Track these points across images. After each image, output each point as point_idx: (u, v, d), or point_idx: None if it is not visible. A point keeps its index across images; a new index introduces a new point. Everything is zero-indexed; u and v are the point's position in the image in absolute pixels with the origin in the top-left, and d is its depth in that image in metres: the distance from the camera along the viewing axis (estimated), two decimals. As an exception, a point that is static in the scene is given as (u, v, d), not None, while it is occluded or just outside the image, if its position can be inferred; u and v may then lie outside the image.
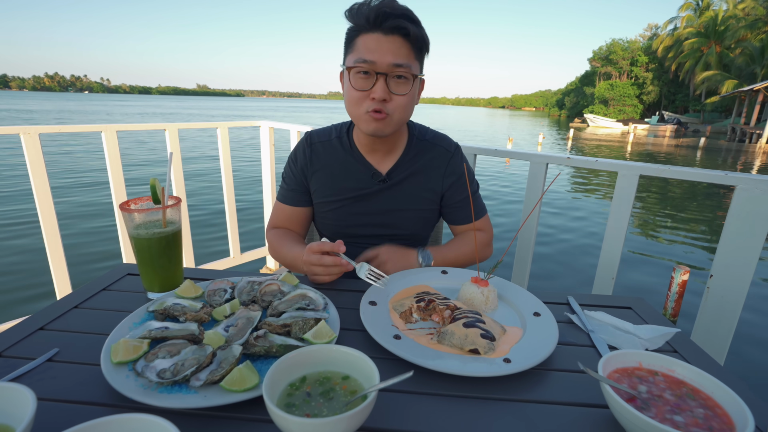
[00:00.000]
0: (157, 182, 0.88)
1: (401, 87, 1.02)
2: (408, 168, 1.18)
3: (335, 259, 0.93)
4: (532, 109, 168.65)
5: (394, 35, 0.98)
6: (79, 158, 10.56)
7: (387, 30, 0.97)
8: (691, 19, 43.78)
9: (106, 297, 0.90)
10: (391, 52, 0.98)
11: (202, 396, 0.58)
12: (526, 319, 0.83)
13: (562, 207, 7.37)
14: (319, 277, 0.96)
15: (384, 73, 0.99)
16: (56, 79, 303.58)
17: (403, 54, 0.99)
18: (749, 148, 22.50)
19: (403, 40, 0.98)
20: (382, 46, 0.97)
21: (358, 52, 0.99)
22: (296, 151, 1.22)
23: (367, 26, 0.98)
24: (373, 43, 0.98)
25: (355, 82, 1.01)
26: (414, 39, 0.99)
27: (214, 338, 0.69)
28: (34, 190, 1.97)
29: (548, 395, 0.64)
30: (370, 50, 0.98)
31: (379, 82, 0.99)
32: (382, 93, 0.99)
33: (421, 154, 1.20)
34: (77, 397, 0.60)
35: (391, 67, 0.98)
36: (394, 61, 0.98)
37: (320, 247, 0.93)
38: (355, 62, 0.99)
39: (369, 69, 0.99)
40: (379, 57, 0.98)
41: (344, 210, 1.19)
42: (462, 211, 1.24)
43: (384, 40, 0.98)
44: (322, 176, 1.18)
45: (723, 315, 1.44)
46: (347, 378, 0.58)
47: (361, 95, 1.02)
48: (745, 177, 1.37)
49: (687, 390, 0.59)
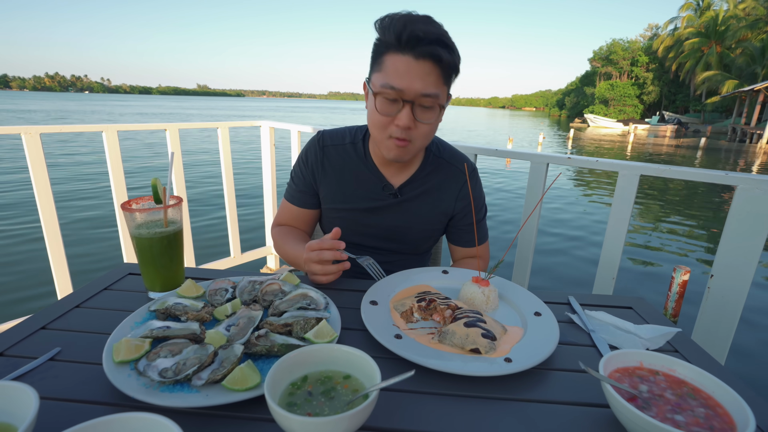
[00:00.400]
0: (159, 182, 0.88)
1: (427, 115, 0.97)
2: (421, 185, 1.15)
3: (334, 253, 0.91)
4: (533, 109, 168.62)
5: (425, 60, 0.91)
6: (81, 158, 10.56)
7: (418, 54, 0.90)
8: (692, 19, 43.78)
9: (107, 296, 0.90)
10: (421, 80, 0.92)
11: (204, 395, 0.58)
12: (527, 318, 0.83)
13: (562, 206, 7.37)
14: (317, 277, 0.95)
15: (411, 101, 0.94)
16: (57, 79, 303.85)
17: (432, 82, 0.93)
18: (750, 148, 22.49)
19: (433, 66, 0.92)
20: (412, 72, 0.91)
21: (386, 75, 0.93)
22: (307, 152, 1.18)
23: (397, 46, 0.91)
24: (403, 66, 0.91)
25: (381, 107, 0.96)
26: (446, 66, 0.93)
27: (216, 338, 0.69)
28: (35, 190, 1.97)
29: (549, 395, 0.65)
30: (398, 75, 0.92)
31: (405, 109, 0.94)
32: (407, 122, 0.95)
33: (435, 171, 1.16)
34: (79, 396, 0.60)
35: (419, 97, 0.93)
36: (423, 90, 0.92)
37: (319, 245, 0.91)
38: (382, 86, 0.94)
39: (396, 96, 0.94)
40: (408, 84, 0.92)
41: (352, 220, 1.16)
42: (468, 235, 1.23)
43: (414, 65, 0.91)
44: (333, 182, 1.15)
45: (724, 315, 1.44)
46: (348, 377, 0.58)
47: (385, 120, 0.97)
48: (746, 177, 1.37)
49: (688, 389, 0.59)
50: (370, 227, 1.17)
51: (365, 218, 1.16)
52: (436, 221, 1.19)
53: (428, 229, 1.19)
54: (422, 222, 1.17)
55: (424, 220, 1.17)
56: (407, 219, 1.16)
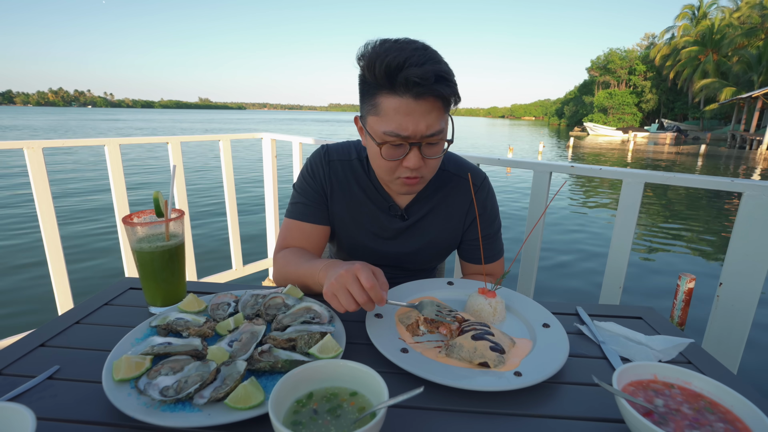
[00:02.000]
0: (160, 195, 0.87)
1: (435, 150, 0.93)
2: (428, 202, 1.10)
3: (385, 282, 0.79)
4: (532, 119, 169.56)
5: (426, 98, 0.85)
6: (83, 172, 10.61)
7: (417, 94, 0.84)
8: (688, 28, 44.24)
9: (108, 312, 0.89)
10: (424, 120, 0.86)
11: (206, 414, 0.56)
12: (535, 330, 0.81)
13: (565, 215, 7.35)
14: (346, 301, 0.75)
15: (417, 143, 0.89)
16: (60, 94, 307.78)
17: (435, 118, 0.87)
18: (750, 154, 22.52)
19: (435, 101, 0.86)
20: (414, 114, 0.85)
21: (386, 121, 0.87)
22: (312, 166, 1.10)
23: (391, 88, 0.85)
24: (403, 109, 0.85)
25: (387, 153, 0.91)
26: (447, 99, 0.88)
27: (218, 354, 0.68)
28: (37, 204, 1.97)
29: (561, 409, 0.63)
30: (399, 120, 0.86)
31: (413, 151, 0.89)
32: (417, 163, 0.90)
33: (441, 187, 1.11)
34: (78, 416, 0.58)
35: (425, 138, 0.88)
36: (429, 131, 0.87)
37: (371, 273, 0.76)
38: (385, 134, 0.88)
39: (401, 142, 0.89)
40: (413, 128, 0.86)
41: (360, 243, 1.12)
42: (478, 251, 1.15)
43: (414, 106, 0.85)
44: (341, 198, 1.09)
45: (734, 323, 1.42)
46: (355, 394, 0.56)
47: (393, 164, 0.93)
48: (753, 183, 1.36)
49: (705, 403, 0.57)
50: (378, 251, 1.12)
51: (373, 242, 1.11)
52: (448, 240, 1.14)
53: (439, 250, 1.16)
54: (433, 246, 1.13)
55: (434, 242, 1.13)
56: (417, 244, 1.11)
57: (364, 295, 0.74)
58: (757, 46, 34.80)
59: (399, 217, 1.10)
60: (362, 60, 0.87)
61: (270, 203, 3.14)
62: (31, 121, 49.24)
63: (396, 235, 1.11)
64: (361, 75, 0.90)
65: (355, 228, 1.11)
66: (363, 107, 0.94)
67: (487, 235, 1.15)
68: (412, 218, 1.10)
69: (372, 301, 0.75)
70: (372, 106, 0.90)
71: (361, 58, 0.88)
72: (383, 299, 0.75)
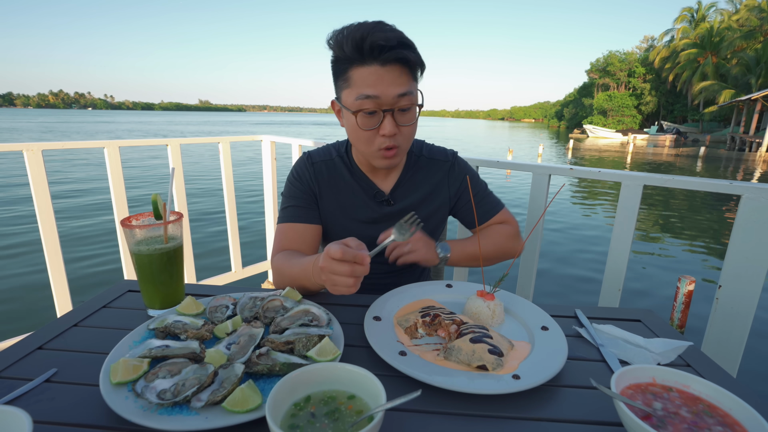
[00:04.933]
0: (159, 198, 0.87)
1: (407, 117, 0.99)
2: (410, 186, 1.17)
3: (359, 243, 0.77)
4: (532, 121, 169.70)
5: (392, 64, 0.92)
6: (82, 174, 10.61)
7: (384, 61, 0.91)
8: (687, 31, 44.34)
9: (106, 314, 0.89)
10: (393, 84, 0.93)
11: (204, 417, 0.56)
12: (533, 333, 0.81)
13: (564, 217, 7.35)
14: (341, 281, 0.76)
15: (390, 108, 0.95)
16: (60, 96, 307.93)
17: (404, 82, 0.94)
18: (749, 156, 22.54)
19: (402, 68, 0.93)
20: (383, 79, 0.92)
21: (357, 88, 0.94)
22: (298, 171, 1.16)
23: (360, 58, 0.92)
24: (372, 77, 0.92)
25: (362, 122, 0.97)
26: (413, 64, 0.95)
27: (216, 356, 0.68)
28: (36, 206, 1.97)
29: (559, 413, 0.63)
30: (371, 86, 0.92)
31: (387, 118, 0.96)
32: (392, 129, 0.96)
33: (421, 170, 1.19)
34: (75, 420, 0.58)
35: (396, 99, 0.94)
36: (398, 92, 0.94)
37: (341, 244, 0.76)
38: (358, 99, 0.94)
39: (375, 108, 0.94)
40: (383, 91, 0.93)
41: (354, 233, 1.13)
42: (480, 208, 1.22)
43: (383, 72, 0.92)
44: (329, 195, 1.14)
45: (733, 326, 1.42)
46: (353, 397, 0.56)
47: (370, 134, 0.98)
48: (751, 186, 1.36)
49: (703, 407, 0.57)
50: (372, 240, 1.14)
51: (366, 230, 1.14)
52: (436, 218, 1.20)
53: (429, 229, 1.19)
54: (425, 224, 1.16)
55: (426, 220, 1.16)
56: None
57: (344, 265, 0.74)
58: (755, 48, 34.88)
59: (386, 203, 1.15)
60: (332, 40, 0.95)
61: (269, 205, 3.14)
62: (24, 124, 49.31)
63: (388, 220, 1.14)
64: (332, 57, 0.98)
65: (346, 219, 1.15)
66: (337, 87, 1.01)
67: (478, 193, 1.23)
68: (400, 203, 1.15)
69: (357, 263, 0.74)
70: (344, 81, 0.97)
71: (331, 39, 0.95)
72: (360, 256, 0.74)
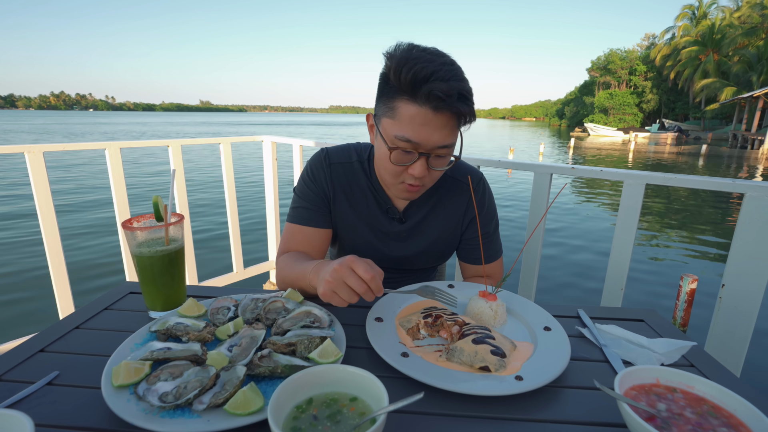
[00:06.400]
0: (160, 199, 0.87)
1: (440, 162, 0.94)
2: (425, 205, 1.11)
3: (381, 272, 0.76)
4: (533, 120, 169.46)
5: (443, 112, 0.86)
6: (83, 176, 10.64)
7: (437, 108, 0.85)
8: (688, 28, 44.22)
9: (108, 317, 0.89)
10: (438, 133, 0.88)
11: (205, 420, 0.56)
12: (536, 333, 0.81)
13: (567, 216, 7.34)
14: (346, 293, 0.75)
15: (427, 153, 0.90)
16: (62, 97, 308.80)
17: (449, 133, 0.89)
18: (752, 154, 22.47)
19: (451, 117, 0.87)
20: (429, 126, 0.86)
21: (401, 126, 0.88)
22: (312, 169, 1.10)
23: (411, 95, 0.85)
24: (420, 119, 0.86)
25: (395, 158, 0.92)
26: (464, 116, 0.89)
27: (218, 359, 0.67)
28: (38, 208, 1.97)
29: (562, 414, 0.62)
30: (414, 129, 0.87)
31: (421, 161, 0.91)
32: (422, 172, 0.92)
33: (437, 189, 1.11)
34: (77, 423, 0.58)
35: (436, 149, 0.90)
36: (440, 143, 0.89)
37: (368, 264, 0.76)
38: (397, 138, 0.89)
39: (412, 149, 0.90)
40: (426, 138, 0.87)
41: (362, 245, 1.12)
42: (477, 251, 1.16)
43: (432, 118, 0.86)
44: (343, 200, 1.10)
45: (737, 326, 1.41)
46: (355, 399, 0.56)
47: (399, 169, 0.94)
48: (755, 184, 1.35)
49: (708, 407, 0.57)
50: (378, 255, 1.12)
51: (374, 242, 1.11)
52: (447, 241, 1.15)
53: (440, 252, 1.16)
54: (433, 247, 1.13)
55: (434, 244, 1.13)
56: (418, 247, 1.12)
57: (363, 284, 0.74)
58: (757, 45, 34.75)
59: (397, 220, 1.11)
60: (390, 60, 0.87)
61: (271, 205, 3.14)
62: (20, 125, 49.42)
63: (396, 238, 1.11)
64: (383, 74, 0.90)
65: (356, 230, 1.11)
66: (379, 107, 0.94)
67: (485, 233, 1.15)
68: (410, 221, 1.11)
69: (371, 290, 0.74)
70: (389, 108, 0.90)
71: (390, 59, 0.87)
72: (382, 288, 0.75)
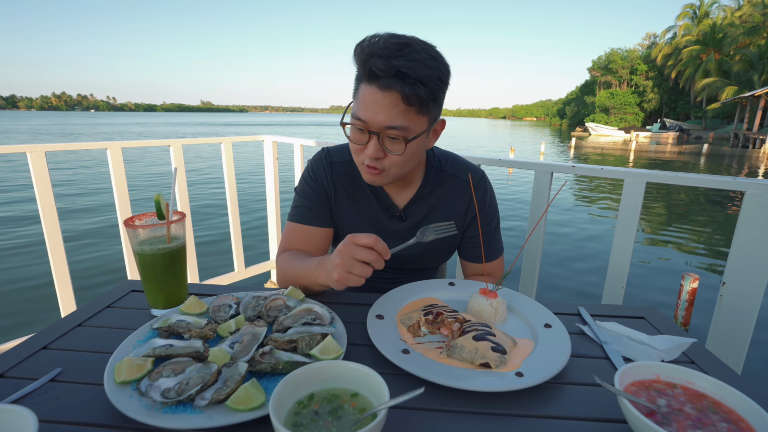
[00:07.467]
0: (162, 197, 0.88)
1: (394, 146, 0.93)
2: (426, 203, 1.11)
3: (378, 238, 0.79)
4: (534, 119, 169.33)
5: (391, 91, 0.85)
6: (85, 174, 10.66)
7: (383, 85, 0.85)
8: (689, 28, 44.15)
9: (110, 314, 0.89)
10: (385, 112, 0.87)
11: (207, 416, 0.56)
12: (537, 330, 0.81)
13: (567, 214, 7.33)
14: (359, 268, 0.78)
15: (376, 132, 0.90)
16: (63, 98, 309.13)
17: (397, 114, 0.87)
18: (753, 153, 22.43)
19: (399, 97, 0.86)
20: (377, 104, 0.87)
21: (356, 104, 0.92)
22: (314, 169, 1.11)
23: (364, 76, 0.88)
24: (369, 98, 0.88)
25: (352, 135, 0.95)
26: (412, 98, 0.86)
27: (219, 355, 0.68)
28: (40, 208, 1.98)
29: (562, 410, 0.62)
30: (365, 107, 0.89)
31: (372, 141, 0.91)
32: (373, 152, 0.92)
33: (439, 187, 1.11)
34: (80, 419, 0.58)
35: (383, 129, 0.89)
36: (386, 123, 0.88)
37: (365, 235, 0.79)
38: (351, 116, 0.93)
39: (363, 128, 0.91)
40: (371, 116, 0.88)
41: None
42: (478, 250, 1.16)
43: (379, 96, 0.86)
44: (344, 198, 1.10)
45: (738, 323, 1.41)
46: (356, 395, 0.56)
47: (358, 147, 0.96)
48: (755, 182, 1.35)
49: (708, 403, 0.57)
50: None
51: None
52: (448, 240, 1.14)
53: (441, 251, 1.16)
54: (434, 246, 1.12)
55: (436, 243, 1.11)
56: (418, 247, 1.10)
57: (371, 252, 0.78)
58: (758, 44, 34.68)
59: (398, 218, 1.11)
60: (356, 47, 0.90)
61: (272, 205, 3.14)
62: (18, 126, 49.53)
63: (397, 237, 1.11)
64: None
65: (357, 229, 1.11)
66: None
67: (486, 232, 1.15)
68: (411, 219, 1.11)
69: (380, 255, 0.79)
70: (355, 90, 0.94)
71: (357, 45, 0.90)
72: (387, 249, 0.80)
